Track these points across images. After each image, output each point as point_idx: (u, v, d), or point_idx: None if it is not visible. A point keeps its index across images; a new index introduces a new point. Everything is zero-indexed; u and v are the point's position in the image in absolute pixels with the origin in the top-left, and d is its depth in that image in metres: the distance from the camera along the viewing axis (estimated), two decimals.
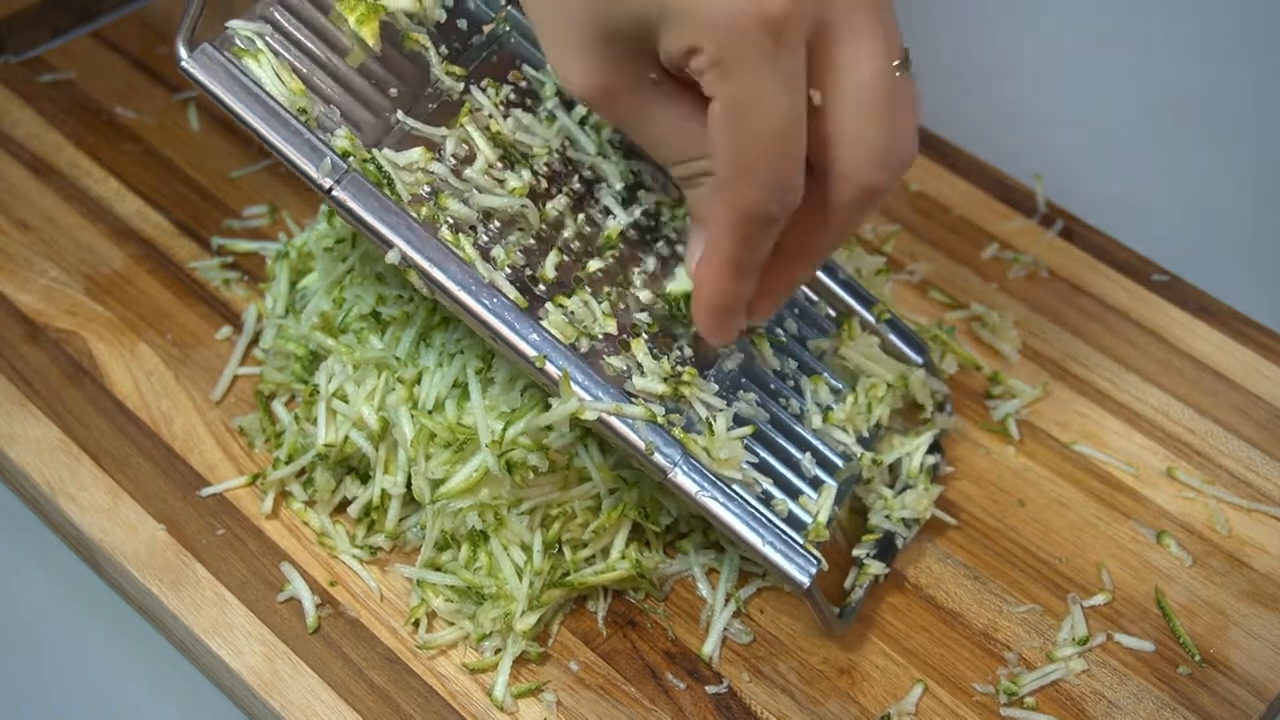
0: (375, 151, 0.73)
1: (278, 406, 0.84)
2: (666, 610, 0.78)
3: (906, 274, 0.96)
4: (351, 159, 0.71)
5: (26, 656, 0.79)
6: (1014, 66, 1.20)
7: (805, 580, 0.73)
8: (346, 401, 0.78)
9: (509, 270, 0.74)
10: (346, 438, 0.78)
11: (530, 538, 0.76)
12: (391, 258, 0.71)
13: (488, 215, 0.75)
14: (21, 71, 1.05)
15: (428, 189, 0.74)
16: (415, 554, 0.79)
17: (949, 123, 1.07)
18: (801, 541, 0.73)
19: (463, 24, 0.79)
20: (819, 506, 0.76)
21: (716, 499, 0.72)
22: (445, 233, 0.73)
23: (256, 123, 0.71)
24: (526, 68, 0.80)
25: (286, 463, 0.80)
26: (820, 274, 0.83)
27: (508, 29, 0.80)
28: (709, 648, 0.77)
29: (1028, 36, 1.23)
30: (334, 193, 0.71)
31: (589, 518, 0.77)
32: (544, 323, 0.72)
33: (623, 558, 0.77)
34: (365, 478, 0.80)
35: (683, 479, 0.72)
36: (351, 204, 0.71)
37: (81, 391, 0.85)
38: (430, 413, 0.77)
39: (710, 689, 0.75)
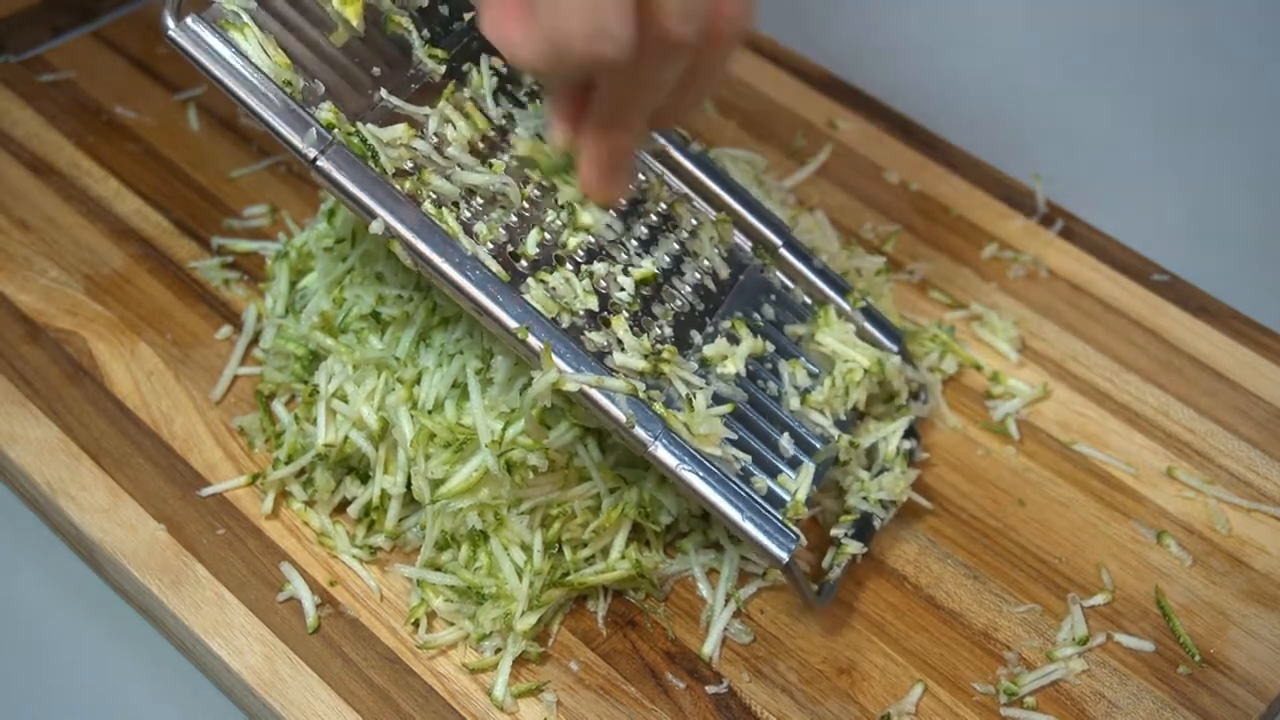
0: (360, 125, 0.73)
1: (278, 406, 0.84)
2: (666, 610, 0.78)
3: (906, 274, 0.96)
4: (336, 131, 0.72)
5: (26, 656, 0.79)
6: (1014, 66, 1.20)
7: (784, 555, 0.73)
8: (346, 401, 0.78)
9: (491, 246, 0.74)
10: (346, 438, 0.78)
11: (530, 538, 0.76)
12: (375, 228, 0.71)
13: (470, 192, 0.76)
14: (21, 71, 1.05)
15: (410, 164, 0.74)
16: (415, 554, 0.79)
17: (949, 123, 1.07)
18: (780, 518, 0.74)
19: (444, 9, 0.80)
20: (797, 485, 0.77)
21: (696, 473, 0.73)
22: (428, 207, 0.73)
23: (243, 93, 0.71)
24: None
25: (286, 463, 0.80)
26: (796, 261, 0.83)
27: None
28: (709, 648, 0.77)
29: (1028, 36, 1.23)
30: (319, 163, 0.71)
31: (589, 517, 0.77)
32: (526, 297, 0.73)
33: (623, 558, 0.77)
34: (365, 478, 0.80)
35: (663, 453, 0.72)
36: (336, 174, 0.71)
37: (81, 391, 0.85)
38: (430, 413, 0.77)
39: (710, 689, 0.75)
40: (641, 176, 0.82)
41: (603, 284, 0.77)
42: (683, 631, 0.78)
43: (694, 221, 0.82)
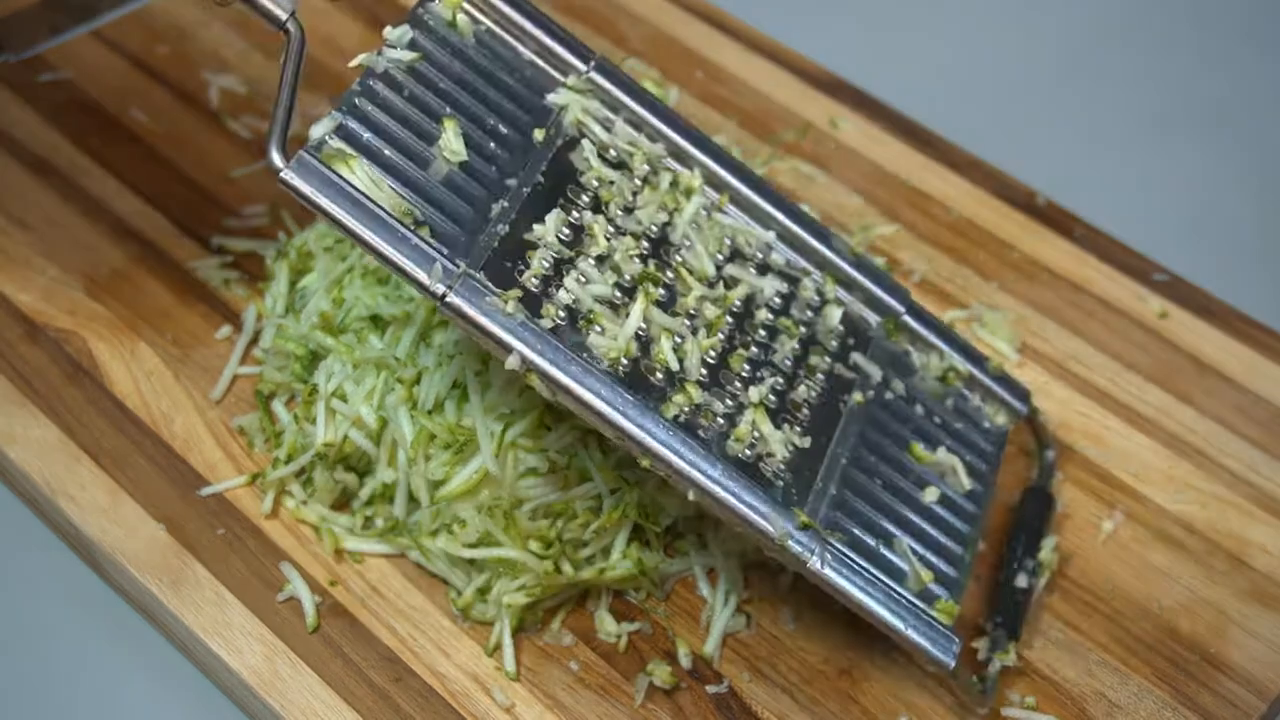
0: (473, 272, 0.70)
1: (277, 406, 0.84)
2: (666, 610, 0.78)
3: (906, 274, 0.96)
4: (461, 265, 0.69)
5: (27, 656, 0.79)
6: (1014, 66, 1.20)
7: (950, 661, 0.72)
8: (346, 401, 0.78)
9: (625, 362, 0.72)
10: (346, 437, 0.78)
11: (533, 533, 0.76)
12: (511, 363, 0.69)
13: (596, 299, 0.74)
14: (21, 71, 1.04)
15: (536, 281, 0.72)
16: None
17: (949, 123, 1.07)
18: (938, 618, 0.73)
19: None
20: (953, 588, 0.75)
21: (853, 581, 0.72)
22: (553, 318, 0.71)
23: (367, 234, 0.68)
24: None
25: (286, 462, 0.80)
26: (921, 328, 0.82)
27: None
28: (709, 648, 0.77)
29: (1029, 36, 1.23)
30: (448, 300, 0.68)
31: (590, 518, 0.77)
32: (666, 417, 0.71)
33: (624, 557, 0.77)
34: (365, 475, 0.80)
35: (821, 567, 0.71)
36: (467, 309, 0.68)
37: (81, 391, 0.85)
38: (430, 413, 0.77)
39: (710, 689, 0.75)
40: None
41: (737, 384, 0.75)
42: (683, 631, 0.78)
43: (817, 298, 0.81)
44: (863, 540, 0.75)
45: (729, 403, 0.74)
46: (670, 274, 0.76)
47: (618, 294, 0.74)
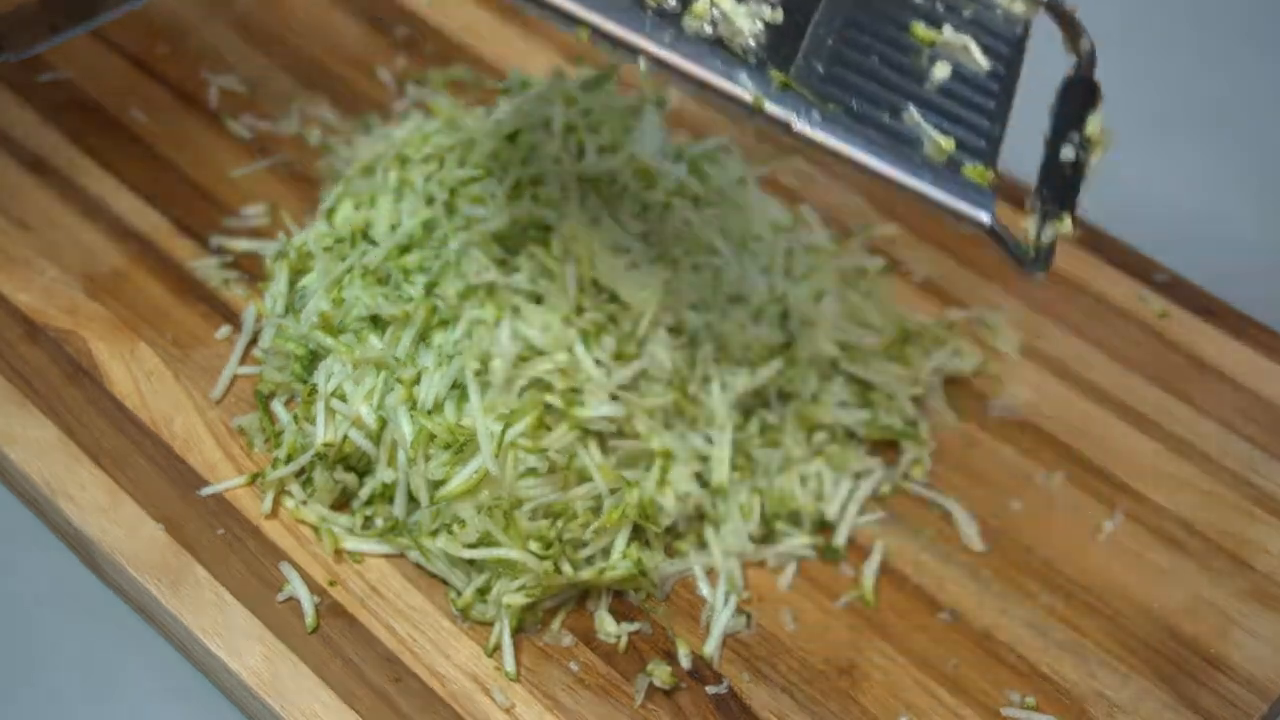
0: None
1: (277, 406, 0.84)
2: (666, 610, 0.78)
3: (907, 274, 0.96)
4: None
5: (26, 657, 0.79)
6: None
7: (986, 215, 0.64)
8: (345, 401, 0.78)
9: None
10: (345, 437, 0.78)
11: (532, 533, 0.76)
12: None
13: None
14: (21, 71, 1.04)
15: None
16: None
17: None
18: (966, 177, 0.64)
19: None
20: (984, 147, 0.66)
21: (852, 140, 0.62)
22: None
23: None
24: None
25: (286, 462, 0.80)
26: None
27: None
28: (709, 648, 0.77)
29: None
30: None
31: (590, 518, 0.77)
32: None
33: (624, 557, 0.77)
34: (364, 475, 0.80)
35: (809, 127, 0.62)
36: None
37: (81, 391, 0.85)
38: (429, 413, 0.77)
39: (710, 689, 0.75)
40: None
41: None
42: (683, 631, 0.78)
43: None
44: (863, 112, 0.64)
45: None
46: None
47: None
